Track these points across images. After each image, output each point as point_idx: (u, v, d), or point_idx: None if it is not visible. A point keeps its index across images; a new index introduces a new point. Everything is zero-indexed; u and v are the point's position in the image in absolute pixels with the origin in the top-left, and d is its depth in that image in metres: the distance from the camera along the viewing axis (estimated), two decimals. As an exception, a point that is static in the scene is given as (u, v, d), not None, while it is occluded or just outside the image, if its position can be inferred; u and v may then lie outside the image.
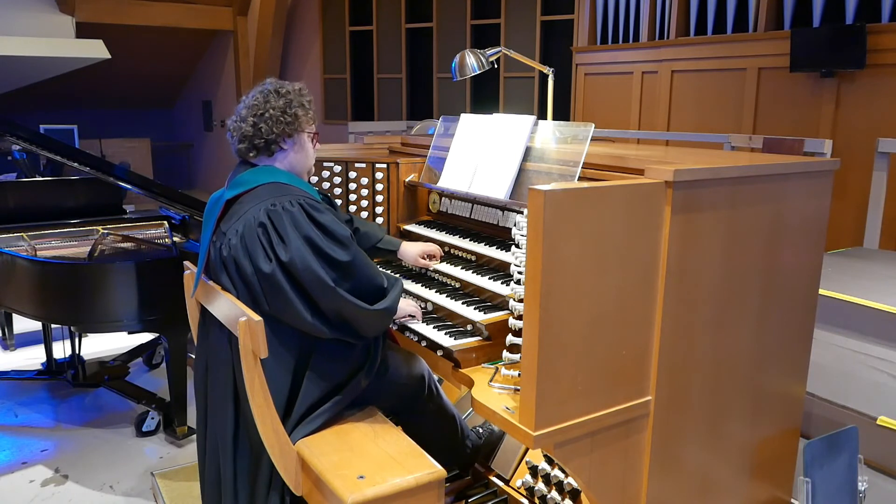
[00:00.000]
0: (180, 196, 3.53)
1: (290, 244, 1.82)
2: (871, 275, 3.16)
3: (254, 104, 2.01)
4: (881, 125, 4.86)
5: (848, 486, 2.09)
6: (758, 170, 1.86)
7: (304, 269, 1.81)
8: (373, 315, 1.91)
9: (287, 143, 2.03)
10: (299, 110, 2.03)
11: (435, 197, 2.76)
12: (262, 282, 1.85)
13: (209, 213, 2.06)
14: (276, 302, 1.86)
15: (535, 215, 1.48)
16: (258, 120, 1.98)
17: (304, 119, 2.05)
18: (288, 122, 2.00)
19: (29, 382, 3.89)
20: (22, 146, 3.23)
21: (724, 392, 1.96)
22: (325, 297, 1.85)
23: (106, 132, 9.76)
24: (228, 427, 1.96)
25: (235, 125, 2.03)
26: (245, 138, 2.00)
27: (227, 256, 1.91)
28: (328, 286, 1.83)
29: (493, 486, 2.38)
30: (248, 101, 2.04)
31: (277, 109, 1.99)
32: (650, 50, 6.36)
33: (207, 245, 2.02)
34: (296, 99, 2.04)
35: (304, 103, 2.06)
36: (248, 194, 1.96)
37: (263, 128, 1.98)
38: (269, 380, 1.86)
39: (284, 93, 2.03)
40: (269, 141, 2.00)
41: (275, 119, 1.98)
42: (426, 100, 8.75)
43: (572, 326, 1.57)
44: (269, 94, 2.02)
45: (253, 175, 1.99)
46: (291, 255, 1.81)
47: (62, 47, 7.95)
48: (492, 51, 2.81)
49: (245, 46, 9.74)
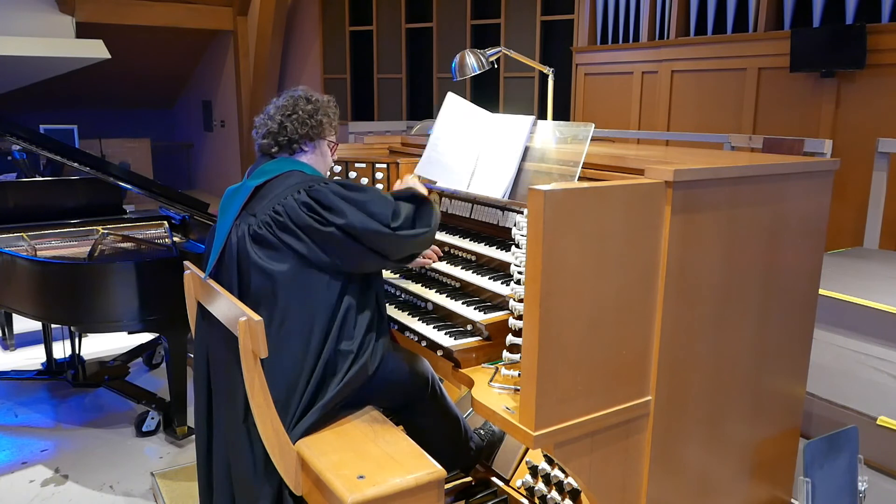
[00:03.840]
0: (180, 196, 3.54)
1: (341, 210, 1.93)
2: (871, 275, 3.16)
3: (283, 105, 2.13)
4: (881, 125, 4.86)
5: (848, 486, 2.09)
6: (758, 170, 1.87)
7: (364, 229, 1.93)
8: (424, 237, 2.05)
9: (308, 145, 2.15)
10: (324, 118, 2.16)
11: (435, 197, 2.76)
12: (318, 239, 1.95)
13: (228, 203, 2.10)
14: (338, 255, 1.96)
15: (534, 215, 1.49)
16: (285, 119, 2.11)
17: (328, 127, 2.19)
18: (312, 126, 2.13)
19: (29, 382, 3.89)
20: (22, 146, 3.23)
21: (724, 392, 1.96)
22: (388, 245, 1.98)
23: (106, 132, 9.77)
24: (240, 414, 1.96)
25: (262, 122, 2.15)
26: (270, 134, 2.12)
27: (263, 233, 1.96)
28: (386, 233, 1.95)
29: (493, 486, 2.39)
30: (278, 102, 2.16)
31: (305, 113, 2.12)
32: (650, 50, 6.36)
33: (227, 232, 2.03)
34: (323, 108, 2.17)
35: (330, 114, 2.19)
36: (276, 180, 2.04)
37: (289, 127, 2.10)
38: (285, 361, 1.92)
39: (314, 100, 2.16)
40: (291, 140, 2.11)
41: (301, 121, 2.11)
42: (426, 100, 8.75)
43: (572, 326, 1.57)
44: (299, 98, 2.14)
45: (277, 165, 2.09)
46: (349, 220, 1.92)
47: (62, 47, 7.95)
48: (492, 51, 2.81)
49: (245, 46, 9.74)
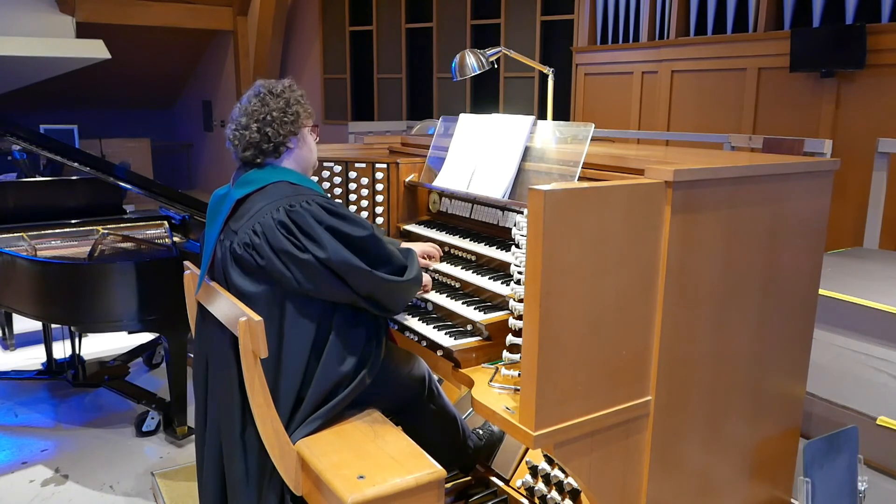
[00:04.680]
0: (180, 196, 3.53)
1: (320, 241, 1.85)
2: (871, 275, 3.16)
3: (253, 110, 1.99)
4: (881, 125, 4.86)
5: (848, 486, 2.09)
6: (758, 170, 1.87)
7: (340, 262, 1.85)
8: (405, 286, 1.98)
9: (293, 141, 2.03)
10: (298, 107, 2.03)
11: (435, 197, 2.76)
12: (293, 265, 1.87)
13: (214, 211, 2.06)
14: (310, 282, 1.88)
15: (534, 215, 1.48)
16: (262, 125, 1.98)
17: (304, 114, 2.06)
18: (291, 120, 2.01)
19: (29, 382, 3.89)
20: (22, 146, 3.23)
21: (724, 392, 1.96)
22: (362, 281, 1.89)
23: (106, 132, 9.76)
24: (236, 426, 1.96)
25: (237, 133, 2.00)
26: (251, 145, 1.99)
27: (241, 254, 1.91)
28: (364, 270, 1.88)
29: (493, 486, 2.38)
30: (244, 107, 2.02)
31: (279, 111, 1.99)
32: (650, 50, 6.36)
33: (214, 244, 2.02)
34: (292, 96, 2.03)
35: (300, 98, 2.06)
36: (258, 193, 1.96)
37: (270, 132, 1.98)
38: (284, 375, 1.89)
39: (279, 92, 2.02)
40: (276, 144, 2.00)
41: (279, 121, 1.99)
42: (426, 100, 8.75)
43: (572, 326, 1.57)
44: (264, 96, 2.01)
45: (262, 174, 1.99)
46: (328, 254, 1.84)
47: (62, 47, 7.95)
48: (492, 51, 2.81)
49: (245, 46, 9.74)
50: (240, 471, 1.96)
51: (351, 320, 1.98)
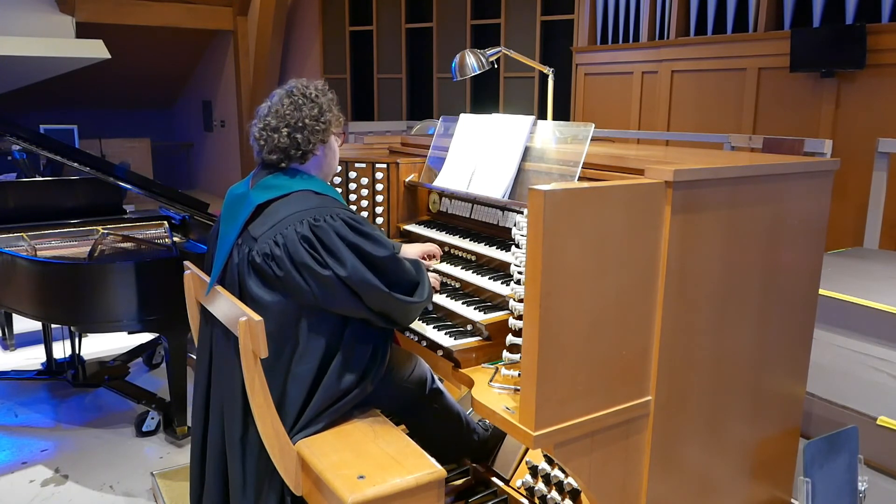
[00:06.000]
0: (180, 196, 3.54)
1: (342, 258, 1.83)
2: (871, 275, 3.16)
3: (286, 113, 1.95)
4: (881, 125, 4.86)
5: (848, 486, 2.09)
6: (758, 170, 1.87)
7: (359, 281, 1.84)
8: (419, 306, 1.98)
9: (321, 149, 2.01)
10: (330, 115, 2.01)
11: (435, 197, 2.76)
12: (312, 280, 1.85)
13: (232, 211, 2.01)
14: (326, 297, 1.87)
15: (534, 215, 1.49)
16: (293, 130, 1.94)
17: (335, 122, 2.04)
18: (323, 129, 1.98)
19: (29, 382, 3.89)
20: (22, 146, 3.23)
21: (724, 392, 1.96)
22: (377, 300, 1.88)
23: (106, 132, 9.76)
24: (238, 429, 1.96)
25: (264, 134, 1.96)
26: (279, 149, 1.95)
27: (260, 264, 1.88)
28: (383, 291, 1.87)
29: (493, 486, 2.38)
30: (275, 107, 1.97)
31: (311, 119, 1.95)
32: (650, 50, 6.36)
33: (231, 246, 1.97)
34: (326, 103, 2.00)
35: (332, 106, 2.03)
36: (281, 200, 1.92)
37: (300, 139, 1.94)
38: (293, 382, 1.90)
39: (314, 97, 1.98)
40: (305, 151, 1.97)
41: (311, 129, 1.95)
42: (426, 100, 8.75)
43: (572, 326, 1.57)
44: (298, 99, 1.96)
45: (286, 181, 1.96)
46: (348, 272, 1.83)
47: (62, 47, 7.94)
48: (492, 51, 2.81)
49: (245, 46, 9.73)
50: (239, 472, 1.96)
51: (360, 334, 1.97)
